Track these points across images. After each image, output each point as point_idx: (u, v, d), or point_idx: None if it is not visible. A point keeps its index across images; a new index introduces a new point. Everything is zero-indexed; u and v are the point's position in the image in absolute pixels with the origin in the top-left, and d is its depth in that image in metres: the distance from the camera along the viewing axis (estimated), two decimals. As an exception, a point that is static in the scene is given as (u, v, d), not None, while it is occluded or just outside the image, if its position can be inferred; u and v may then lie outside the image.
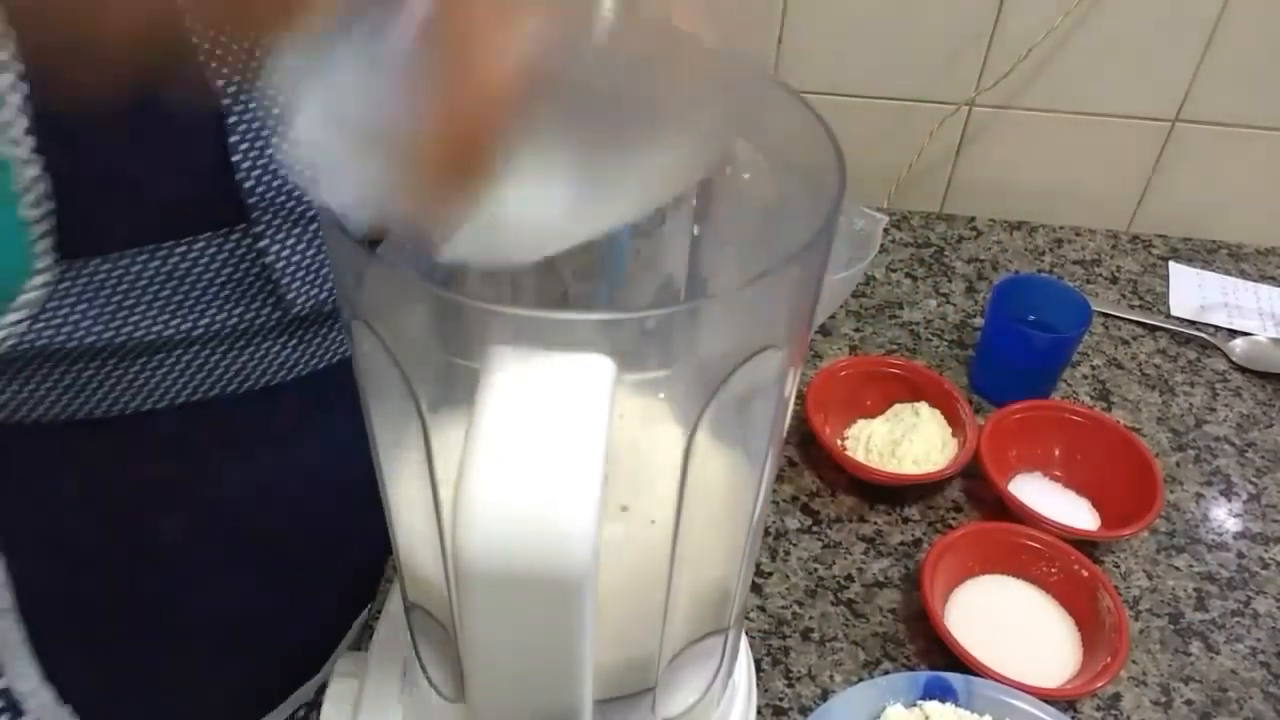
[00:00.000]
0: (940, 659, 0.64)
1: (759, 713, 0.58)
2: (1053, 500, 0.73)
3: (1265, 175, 1.01)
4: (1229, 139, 0.99)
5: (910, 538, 0.72)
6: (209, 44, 0.40)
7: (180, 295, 0.45)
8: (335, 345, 0.53)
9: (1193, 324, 0.92)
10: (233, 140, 0.42)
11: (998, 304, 0.81)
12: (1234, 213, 1.03)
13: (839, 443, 0.77)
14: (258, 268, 0.46)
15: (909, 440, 0.74)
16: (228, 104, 0.41)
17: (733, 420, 0.36)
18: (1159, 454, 0.80)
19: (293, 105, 0.26)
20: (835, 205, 0.32)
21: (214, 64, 0.40)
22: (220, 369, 0.49)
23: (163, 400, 0.48)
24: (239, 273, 0.46)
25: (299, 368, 0.51)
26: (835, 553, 0.71)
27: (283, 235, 0.46)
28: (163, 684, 0.59)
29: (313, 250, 0.47)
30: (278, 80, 0.26)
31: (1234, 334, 0.91)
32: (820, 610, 0.68)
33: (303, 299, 0.48)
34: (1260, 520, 0.76)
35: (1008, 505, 0.71)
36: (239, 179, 0.43)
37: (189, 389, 0.49)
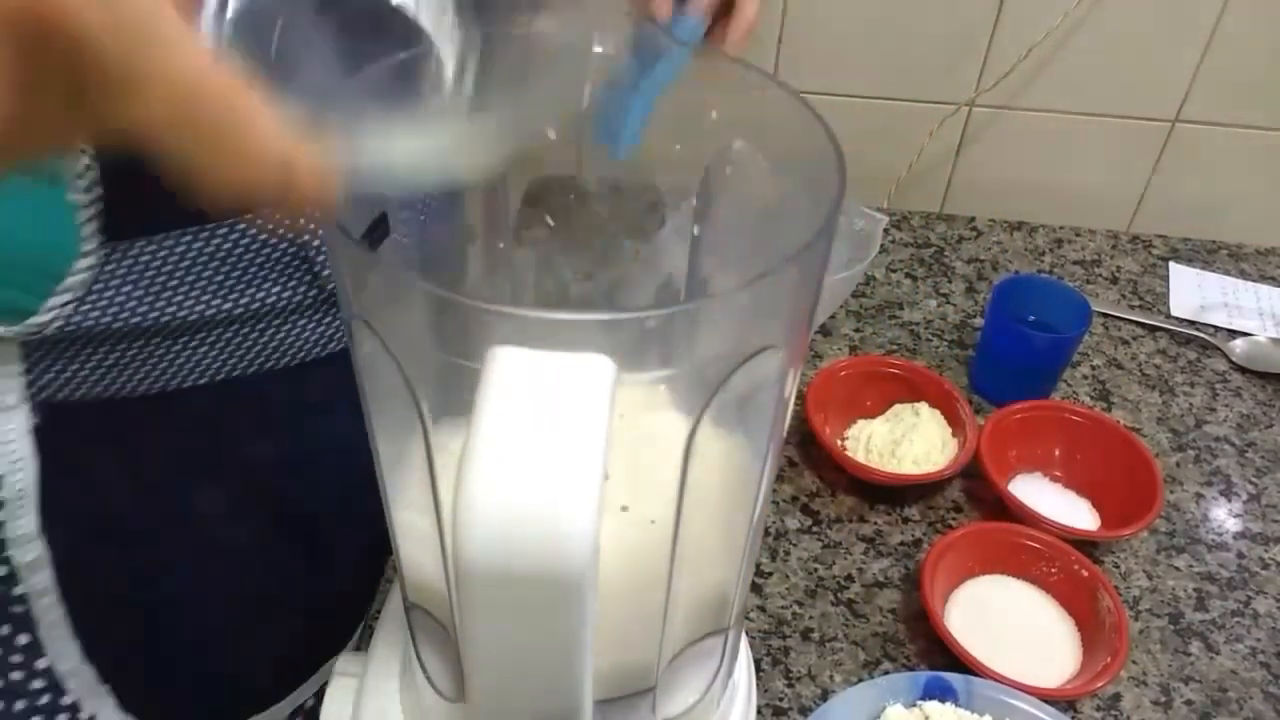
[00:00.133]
0: (940, 659, 0.64)
1: (759, 713, 0.58)
2: (1053, 500, 0.73)
3: (1265, 175, 1.01)
4: (1229, 139, 0.99)
5: (910, 538, 0.73)
6: None
7: (221, 275, 0.47)
8: None
9: (1193, 324, 0.92)
10: None
11: (998, 304, 0.81)
12: (1234, 213, 1.03)
13: (839, 443, 0.77)
14: (295, 247, 0.48)
15: (909, 440, 0.74)
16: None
17: (733, 420, 0.37)
18: (1159, 454, 0.80)
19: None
20: (835, 205, 0.32)
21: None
22: (258, 346, 0.51)
23: (202, 377, 0.50)
24: (277, 252, 0.48)
25: (331, 344, 0.53)
26: (835, 553, 0.71)
27: None
28: (196, 660, 0.60)
29: None
30: None
31: (1234, 334, 0.91)
32: (820, 610, 0.68)
33: None
34: (1260, 520, 0.76)
35: (1008, 505, 0.71)
36: None
37: (227, 366, 0.50)
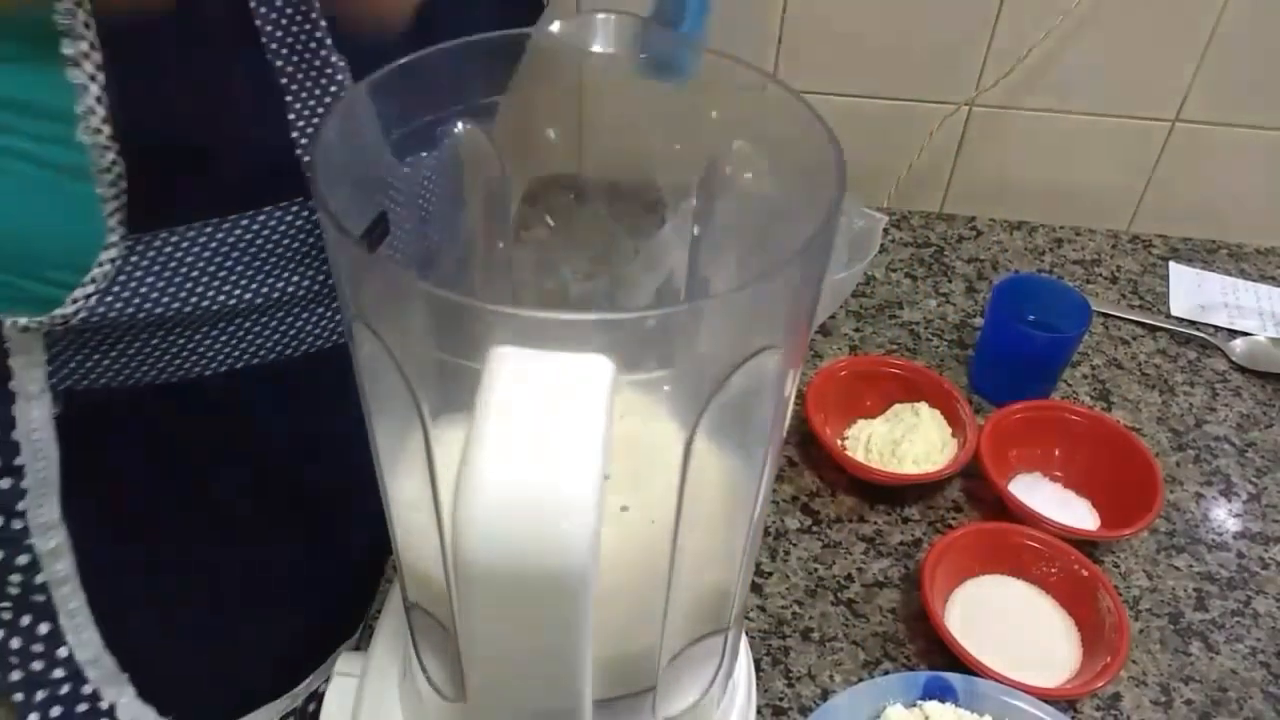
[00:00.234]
0: (940, 659, 0.64)
1: (759, 713, 0.58)
2: (1053, 500, 0.73)
3: (1265, 175, 1.01)
4: (1229, 139, 0.99)
5: (910, 538, 0.73)
6: (270, 27, 0.43)
7: (242, 265, 0.48)
8: None
9: (1193, 324, 0.92)
10: (290, 117, 0.45)
11: (998, 304, 0.81)
12: (1234, 213, 1.03)
13: (839, 443, 0.77)
14: (313, 238, 0.48)
15: (909, 440, 0.74)
16: (285, 83, 0.45)
17: (732, 420, 0.36)
18: (1159, 454, 0.80)
19: None
20: (835, 205, 0.32)
21: (273, 45, 0.44)
22: (278, 334, 0.52)
23: (223, 365, 0.51)
24: (296, 242, 0.48)
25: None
26: (835, 553, 0.71)
27: None
28: (213, 648, 0.60)
29: None
30: None
31: (1234, 334, 0.91)
32: (820, 610, 0.68)
33: None
34: (1260, 520, 0.76)
35: (1008, 505, 0.71)
36: (298, 154, 0.46)
37: (247, 354, 0.51)
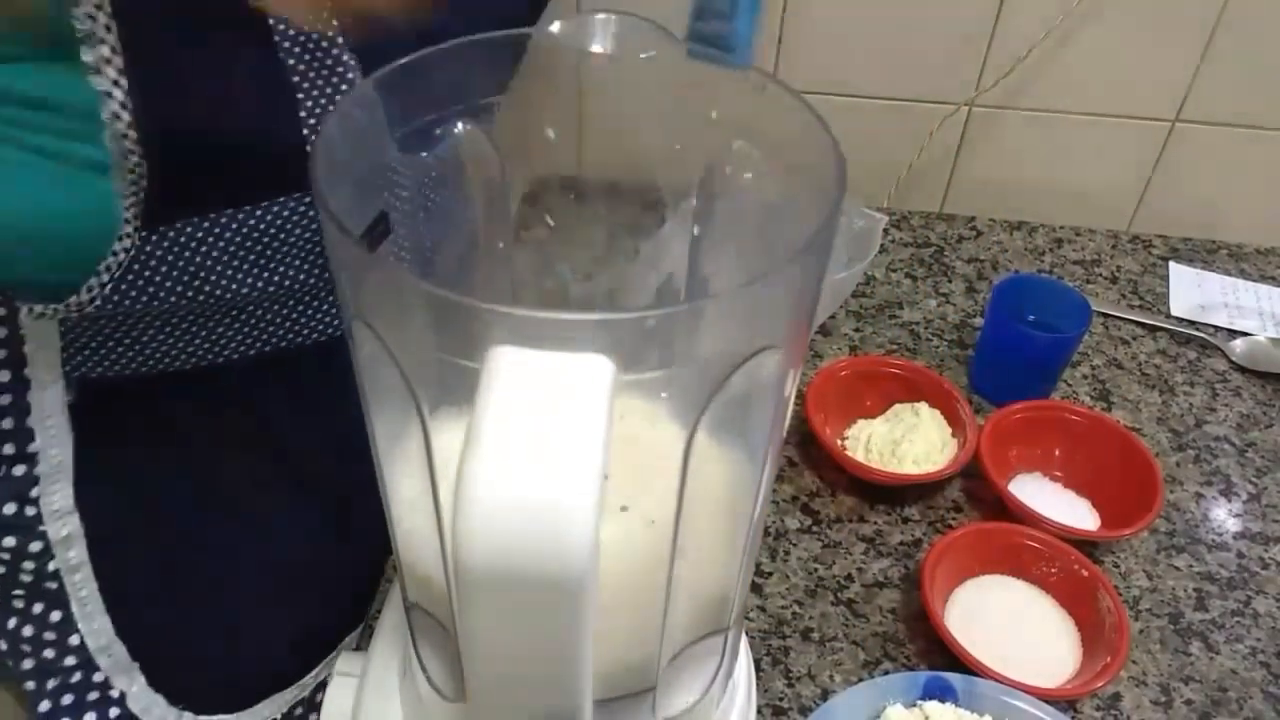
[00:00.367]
0: (940, 659, 0.64)
1: (759, 713, 0.58)
2: (1053, 500, 0.73)
3: (1265, 175, 1.01)
4: (1229, 139, 0.99)
5: (910, 538, 0.73)
6: (282, 25, 0.44)
7: (254, 255, 0.48)
8: None
9: (1193, 324, 0.92)
10: (302, 114, 0.46)
11: (998, 304, 0.81)
12: (1234, 213, 1.03)
13: (839, 443, 0.77)
14: None
15: (909, 440, 0.74)
16: (296, 80, 0.46)
17: (733, 420, 0.37)
18: (1159, 454, 0.80)
19: None
20: (835, 205, 0.32)
21: (286, 43, 0.45)
22: (289, 323, 0.53)
23: (235, 353, 0.52)
24: (308, 233, 0.49)
25: None
26: (835, 553, 0.71)
27: None
28: (223, 637, 0.61)
29: None
30: None
31: (1234, 334, 0.91)
32: (820, 610, 0.68)
33: None
34: (1260, 520, 0.76)
35: (1008, 505, 0.71)
36: (309, 149, 0.46)
37: (259, 342, 0.52)
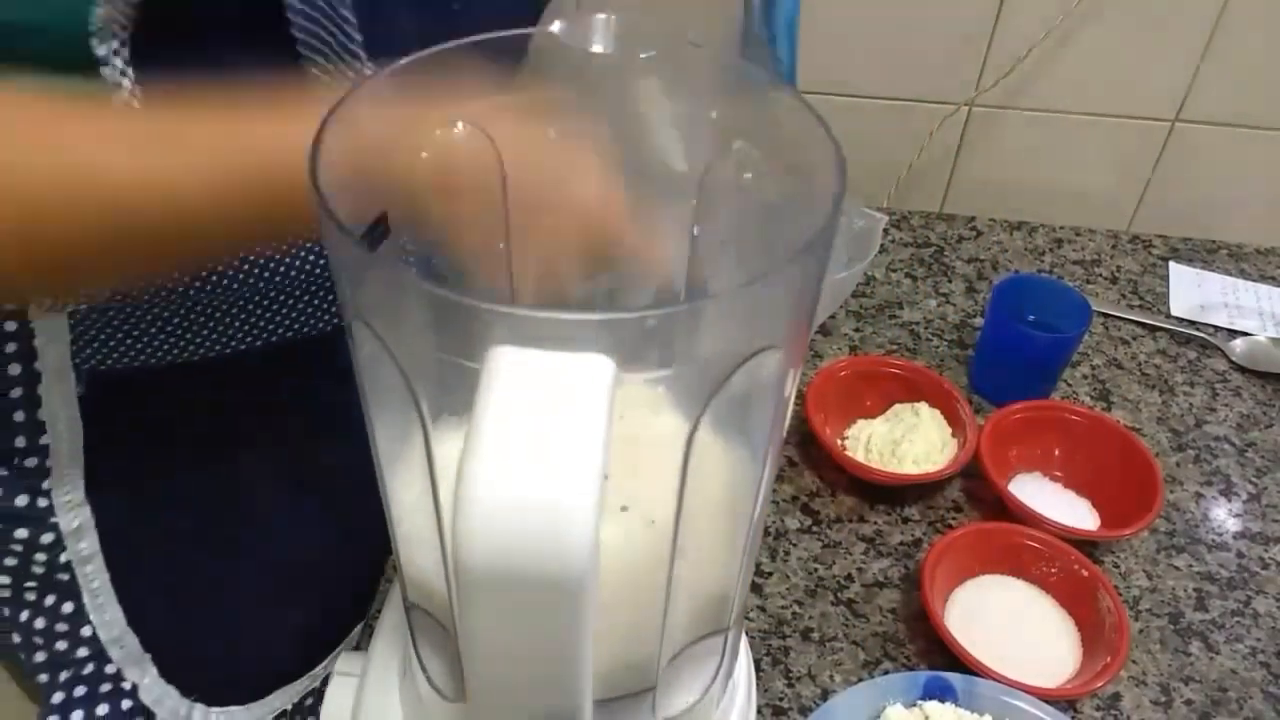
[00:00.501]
0: (940, 659, 0.64)
1: (759, 713, 0.58)
2: (1053, 500, 0.73)
3: (1265, 175, 1.01)
4: (1229, 139, 0.99)
5: (910, 538, 0.73)
6: (302, 26, 0.45)
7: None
8: None
9: (1193, 324, 0.92)
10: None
11: (998, 304, 0.81)
12: (1234, 213, 1.03)
13: (839, 443, 0.77)
14: None
15: (909, 440, 0.74)
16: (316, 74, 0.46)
17: (733, 420, 0.37)
18: (1159, 454, 0.80)
19: None
20: (835, 205, 0.32)
21: (306, 50, 0.45)
22: (295, 313, 0.53)
23: (243, 345, 0.52)
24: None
25: None
26: (835, 553, 0.71)
27: None
28: (232, 629, 0.62)
29: None
30: None
31: (1234, 334, 0.91)
32: (820, 610, 0.68)
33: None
34: (1260, 520, 0.76)
35: (1008, 505, 0.71)
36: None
37: (266, 333, 0.53)
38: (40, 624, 0.54)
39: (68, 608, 0.54)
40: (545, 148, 0.41)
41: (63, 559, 0.53)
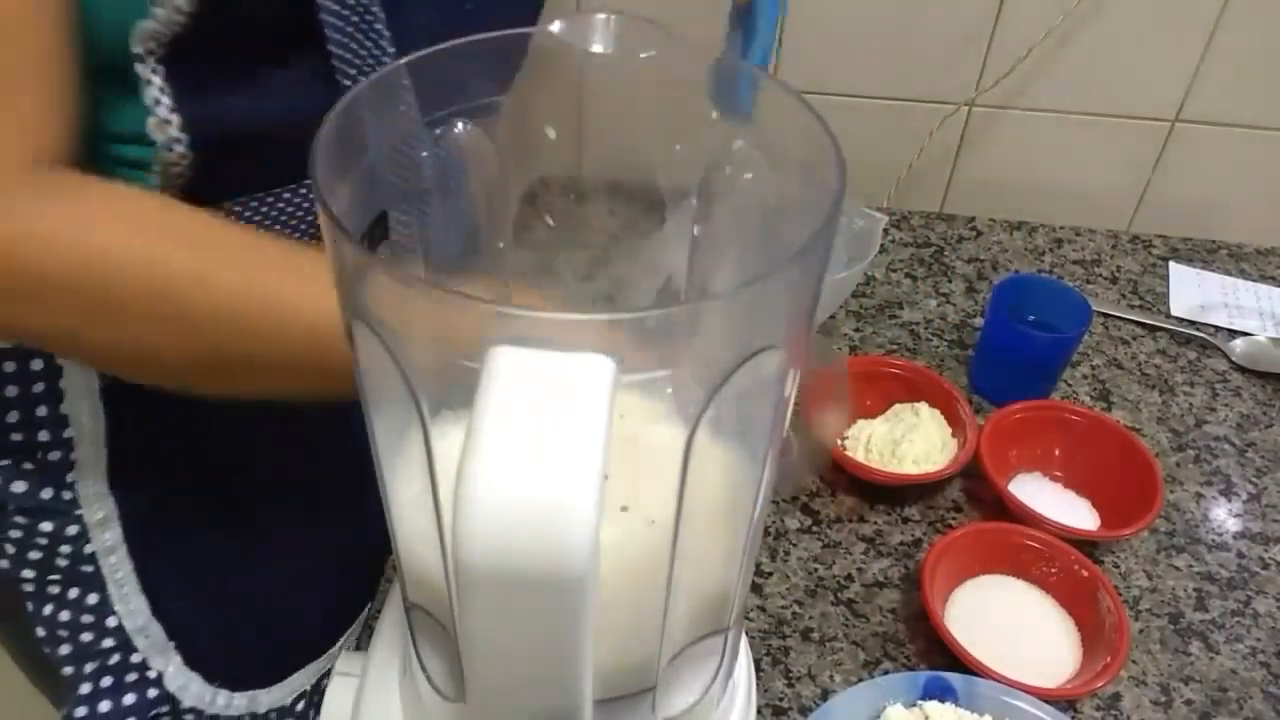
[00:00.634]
0: (940, 659, 0.64)
1: (759, 713, 0.58)
2: (1053, 500, 0.73)
3: (1265, 175, 1.01)
4: (1229, 139, 0.99)
5: (910, 538, 0.73)
6: (335, 28, 0.46)
7: (288, 231, 0.50)
8: None
9: (1193, 324, 0.92)
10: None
11: (998, 304, 0.81)
12: (1234, 213, 1.03)
13: (839, 443, 0.77)
14: None
15: (909, 440, 0.74)
16: (348, 85, 0.47)
17: (733, 420, 0.36)
18: (1159, 454, 0.80)
19: None
20: (835, 205, 0.32)
21: (338, 50, 0.46)
22: None
23: None
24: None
25: None
26: (835, 553, 0.71)
27: None
28: (253, 613, 0.62)
29: None
30: None
31: (1234, 334, 0.91)
32: (820, 610, 0.68)
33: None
34: (1260, 520, 0.76)
35: (1008, 505, 0.71)
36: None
37: None
38: (65, 617, 0.54)
39: (92, 599, 0.55)
40: None
41: (87, 550, 0.53)
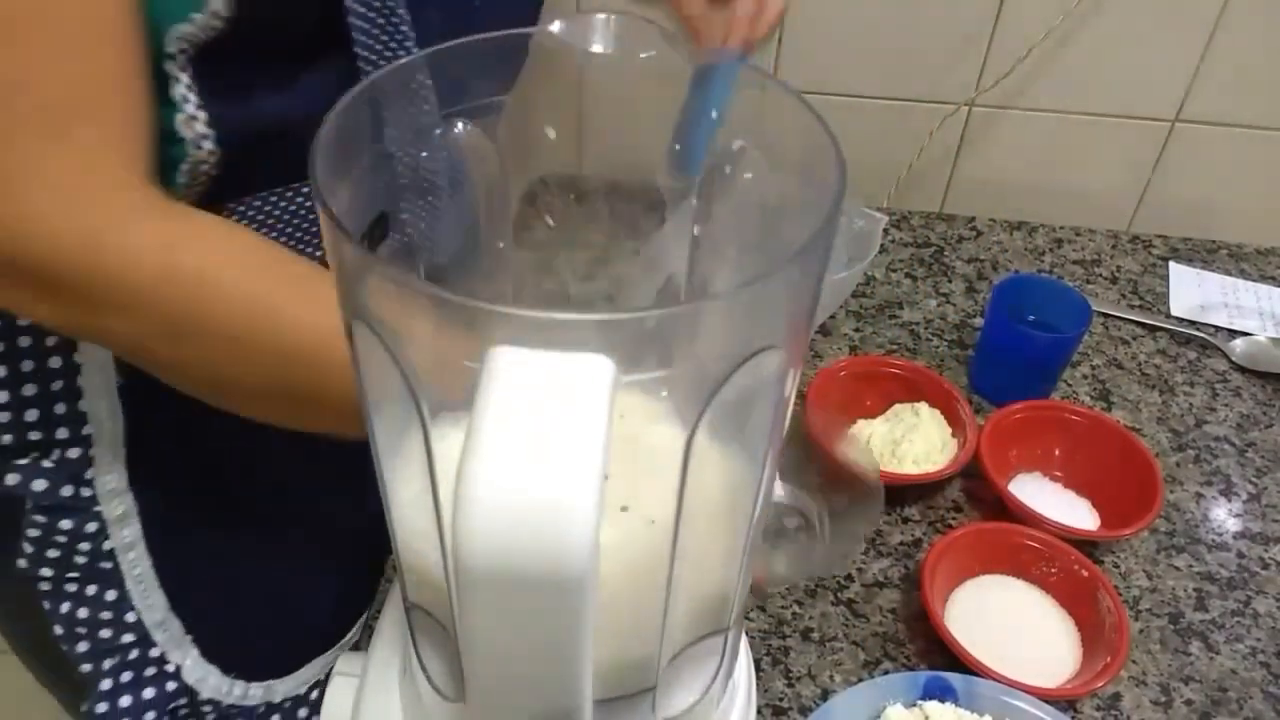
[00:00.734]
0: (940, 659, 0.64)
1: (759, 713, 0.58)
2: (1053, 500, 0.73)
3: (1265, 175, 1.01)
4: (1229, 139, 0.99)
5: (910, 538, 0.72)
6: (361, 29, 0.46)
7: (307, 224, 0.51)
8: None
9: (1193, 324, 0.92)
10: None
11: (998, 304, 0.81)
12: (1234, 213, 1.03)
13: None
14: None
15: (909, 440, 0.74)
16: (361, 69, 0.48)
17: (733, 420, 0.36)
18: (1159, 454, 0.80)
19: None
20: (835, 205, 0.32)
21: (363, 51, 0.47)
22: None
23: None
24: None
25: None
26: (835, 553, 0.71)
27: None
28: (272, 605, 0.63)
29: None
30: None
31: (1234, 334, 0.91)
32: (820, 610, 0.68)
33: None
34: (1260, 520, 0.76)
35: (1008, 505, 0.71)
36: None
37: None
38: (83, 614, 0.55)
39: (111, 595, 0.55)
40: None
41: (106, 547, 0.54)
